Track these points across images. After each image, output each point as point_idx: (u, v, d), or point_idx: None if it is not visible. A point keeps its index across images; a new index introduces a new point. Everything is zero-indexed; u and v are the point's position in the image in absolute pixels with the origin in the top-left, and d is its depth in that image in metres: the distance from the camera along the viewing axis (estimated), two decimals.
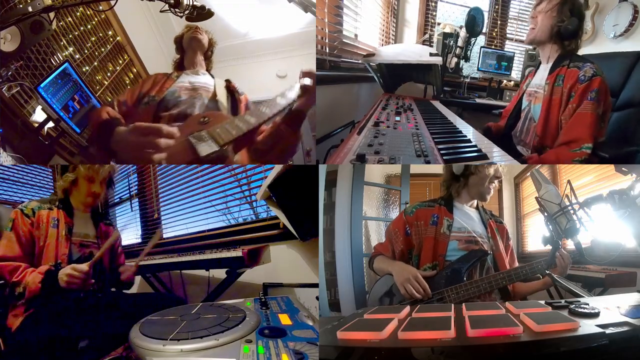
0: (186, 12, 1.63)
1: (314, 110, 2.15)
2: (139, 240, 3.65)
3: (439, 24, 3.77)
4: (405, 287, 1.49)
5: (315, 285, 1.96)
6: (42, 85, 2.05)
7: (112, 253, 1.77)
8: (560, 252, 1.39)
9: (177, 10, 1.62)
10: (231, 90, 1.85)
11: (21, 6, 1.74)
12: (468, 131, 1.91)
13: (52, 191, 3.69)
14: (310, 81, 1.56)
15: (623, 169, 1.37)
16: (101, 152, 1.47)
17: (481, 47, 3.63)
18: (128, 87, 2.44)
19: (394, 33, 3.90)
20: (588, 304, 0.89)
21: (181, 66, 1.91)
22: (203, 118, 1.48)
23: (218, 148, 1.33)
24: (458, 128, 1.98)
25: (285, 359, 0.79)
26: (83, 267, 1.43)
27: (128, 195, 3.81)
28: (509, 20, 3.90)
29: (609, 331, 0.74)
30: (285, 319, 1.08)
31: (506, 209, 3.01)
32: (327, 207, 2.27)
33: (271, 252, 2.06)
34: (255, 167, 2.52)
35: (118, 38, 2.85)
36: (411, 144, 1.57)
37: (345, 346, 0.80)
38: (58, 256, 1.51)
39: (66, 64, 2.21)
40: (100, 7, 2.23)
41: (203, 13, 1.69)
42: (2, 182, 3.45)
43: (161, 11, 1.63)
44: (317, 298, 1.92)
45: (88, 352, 1.29)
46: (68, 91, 2.19)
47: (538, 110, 1.78)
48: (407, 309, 1.05)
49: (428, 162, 1.41)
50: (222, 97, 1.76)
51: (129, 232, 3.77)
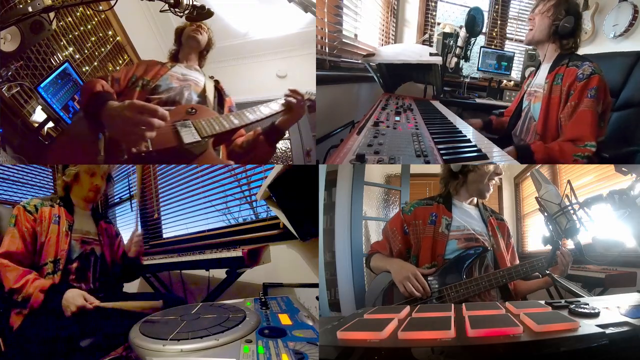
0: (186, 12, 1.64)
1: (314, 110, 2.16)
2: None
3: (439, 24, 3.77)
4: (404, 285, 1.48)
5: (315, 285, 1.96)
6: (42, 85, 2.05)
7: (113, 250, 1.78)
8: (561, 250, 1.39)
9: (177, 10, 1.62)
10: (219, 90, 1.93)
11: (21, 6, 1.74)
12: (468, 131, 1.91)
13: (52, 191, 3.69)
14: (294, 100, 1.67)
15: (623, 169, 1.38)
16: (90, 122, 1.51)
17: (481, 47, 3.62)
18: (122, 66, 2.46)
19: (394, 33, 3.90)
20: (588, 304, 0.89)
21: (176, 57, 1.98)
22: (191, 109, 1.60)
23: (200, 139, 1.46)
24: (458, 128, 1.97)
25: (285, 359, 0.79)
26: (94, 301, 1.41)
27: (128, 195, 3.80)
28: (509, 20, 3.90)
29: (609, 331, 0.74)
30: (285, 319, 1.08)
31: (506, 209, 3.01)
32: (327, 207, 2.27)
33: (271, 252, 2.06)
34: (255, 167, 2.52)
35: (118, 38, 2.85)
36: (411, 144, 1.57)
37: (345, 346, 0.80)
38: (58, 252, 1.52)
39: (66, 64, 2.21)
40: (100, 7, 2.24)
41: (203, 13, 1.70)
42: (2, 182, 3.44)
43: (161, 11, 1.64)
44: (317, 298, 1.92)
45: (88, 352, 1.29)
46: (68, 91, 2.19)
47: (538, 109, 1.78)
48: (407, 309, 1.05)
49: (428, 162, 1.40)
50: (210, 95, 1.84)
51: (129, 232, 3.76)
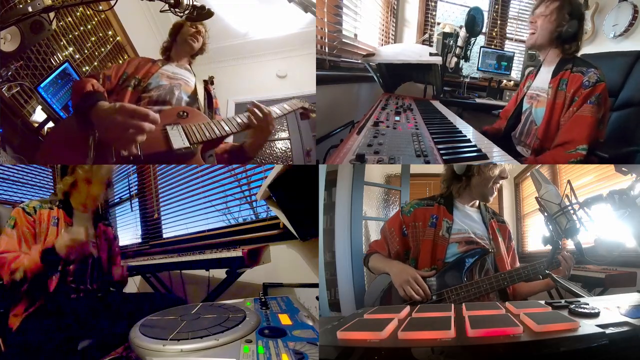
0: (186, 12, 1.63)
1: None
2: (139, 240, 3.65)
3: (439, 24, 3.77)
4: (404, 289, 1.45)
5: (315, 285, 1.96)
6: (42, 85, 2.05)
7: (110, 252, 1.77)
8: (563, 255, 1.37)
9: (177, 10, 1.62)
10: (208, 90, 1.95)
11: (21, 6, 1.74)
12: (468, 131, 1.91)
13: (52, 191, 3.69)
14: (255, 118, 1.62)
15: (623, 169, 1.37)
16: (81, 122, 1.50)
17: (481, 47, 3.62)
18: (114, 64, 2.49)
19: (394, 33, 3.90)
20: (588, 304, 0.89)
21: (168, 53, 1.99)
22: (183, 112, 1.59)
23: (189, 145, 1.45)
24: (458, 128, 1.97)
25: (285, 359, 0.79)
26: (79, 233, 1.42)
27: (128, 195, 3.80)
28: (509, 20, 3.90)
29: (609, 331, 0.74)
30: (285, 319, 1.08)
31: (506, 209, 3.01)
32: (327, 207, 2.27)
33: (271, 252, 2.06)
34: (255, 167, 2.52)
35: (118, 38, 2.85)
36: (411, 144, 1.57)
37: (345, 346, 0.80)
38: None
39: (66, 64, 2.21)
40: (100, 7, 2.23)
41: (203, 13, 1.69)
42: (2, 182, 3.45)
43: (161, 11, 1.63)
44: (317, 298, 1.92)
45: (88, 352, 1.29)
46: (68, 91, 2.18)
47: (540, 113, 1.76)
48: (407, 309, 1.05)
49: (428, 162, 1.40)
50: (200, 95, 1.86)
51: (129, 232, 3.77)
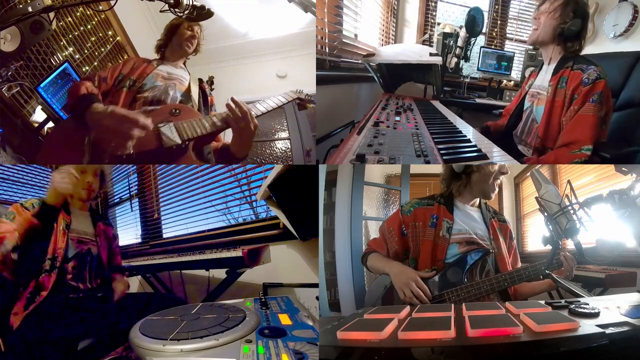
0: (186, 12, 1.64)
1: (314, 110, 2.17)
2: (139, 240, 3.65)
3: (439, 24, 3.77)
4: (404, 292, 1.43)
5: (315, 285, 1.96)
6: (42, 85, 2.05)
7: (110, 252, 1.77)
8: (564, 255, 1.36)
9: (177, 10, 1.62)
10: (202, 89, 1.96)
11: (21, 6, 1.74)
12: (468, 131, 1.91)
13: None
14: (233, 115, 1.56)
15: (623, 169, 1.37)
16: (77, 124, 1.54)
17: (481, 47, 3.62)
18: (110, 65, 2.49)
19: (394, 33, 3.90)
20: (588, 304, 0.89)
21: (162, 51, 2.00)
22: (175, 110, 1.61)
23: (180, 142, 1.47)
24: (458, 128, 1.97)
25: (285, 359, 0.78)
26: (63, 181, 1.47)
27: (128, 195, 3.80)
28: (509, 20, 3.90)
29: (609, 331, 0.74)
30: (285, 319, 1.08)
31: (506, 209, 3.01)
32: (327, 207, 2.27)
33: (271, 252, 2.06)
34: (255, 167, 2.52)
35: (118, 38, 2.85)
36: (411, 144, 1.57)
37: (345, 346, 0.80)
38: (56, 250, 1.52)
39: (66, 64, 2.21)
40: (100, 7, 2.23)
41: (203, 13, 1.70)
42: (2, 182, 3.45)
43: (161, 11, 1.64)
44: (317, 298, 1.91)
45: (88, 352, 1.29)
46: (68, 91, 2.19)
47: (540, 111, 1.76)
48: (407, 309, 1.05)
49: (428, 162, 1.40)
50: (194, 94, 1.87)
51: (129, 232, 3.77)
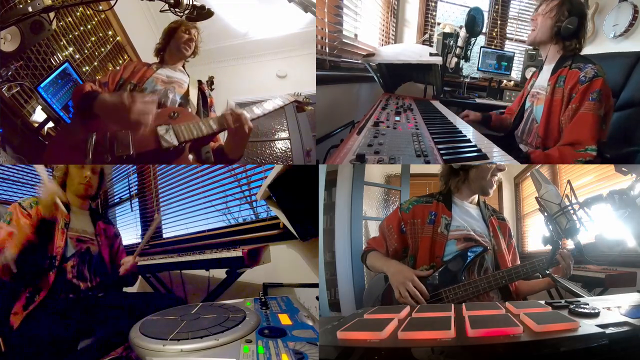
0: (186, 12, 1.64)
1: (314, 110, 2.17)
2: (139, 240, 3.65)
3: (439, 24, 3.77)
4: (400, 291, 1.43)
5: (315, 285, 1.96)
6: (42, 85, 2.05)
7: (112, 251, 1.77)
8: (561, 253, 1.36)
9: (177, 10, 1.62)
10: (202, 90, 1.97)
11: (21, 6, 1.74)
12: (468, 131, 1.90)
13: None
14: (232, 123, 1.60)
15: (623, 169, 1.38)
16: (82, 124, 1.55)
17: (481, 47, 3.62)
18: (109, 71, 2.50)
19: (394, 33, 3.90)
20: (588, 304, 0.89)
21: (161, 55, 2.00)
22: (174, 113, 1.63)
23: (177, 144, 1.52)
24: (458, 128, 1.97)
25: (285, 359, 0.78)
26: (51, 191, 1.47)
27: (128, 195, 3.80)
28: (509, 20, 3.90)
29: (609, 331, 0.74)
30: (285, 319, 1.08)
31: (506, 209, 3.01)
32: (327, 207, 2.27)
33: (271, 252, 2.06)
34: (255, 167, 2.52)
35: (118, 38, 2.85)
36: (411, 144, 1.57)
37: (345, 346, 0.80)
38: (54, 248, 1.52)
39: (66, 64, 2.21)
40: (100, 7, 2.24)
41: (203, 13, 1.70)
42: (2, 182, 3.45)
43: (161, 11, 1.64)
44: (317, 298, 1.92)
45: (88, 352, 1.29)
46: (68, 91, 2.19)
47: (540, 111, 1.76)
48: (407, 309, 1.05)
49: (428, 162, 1.40)
50: (193, 96, 1.88)
51: (129, 232, 3.77)
